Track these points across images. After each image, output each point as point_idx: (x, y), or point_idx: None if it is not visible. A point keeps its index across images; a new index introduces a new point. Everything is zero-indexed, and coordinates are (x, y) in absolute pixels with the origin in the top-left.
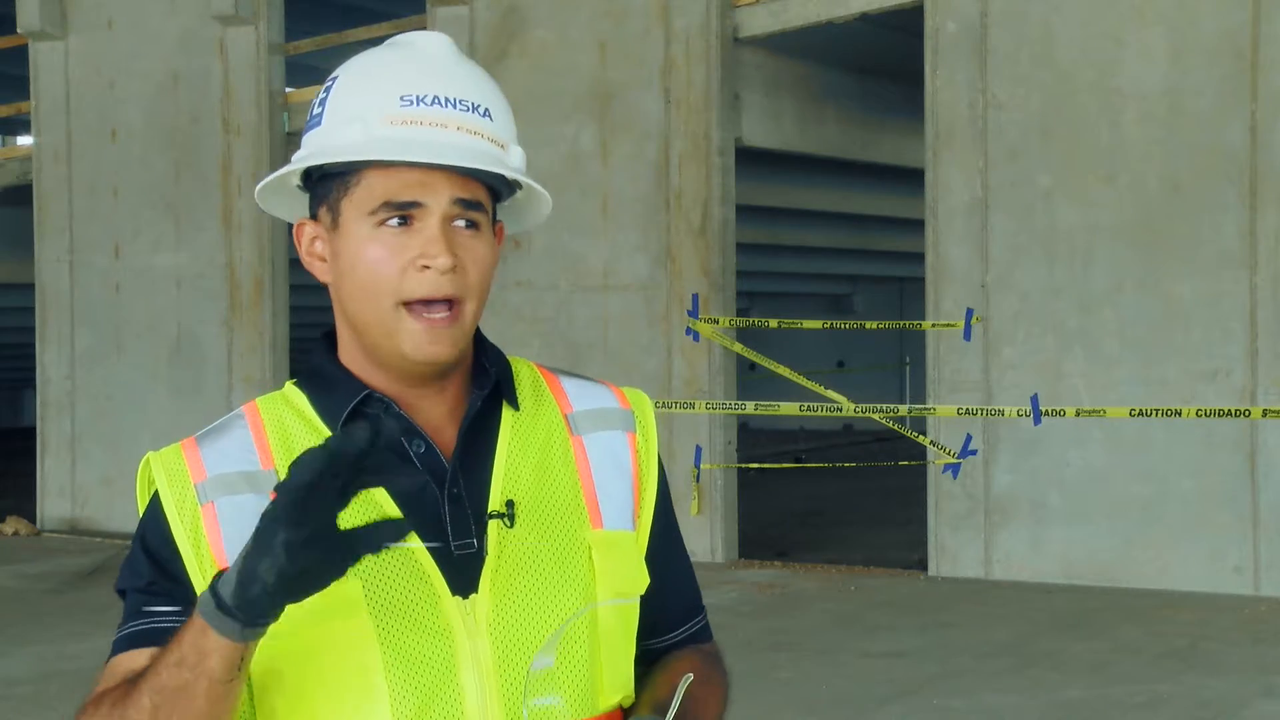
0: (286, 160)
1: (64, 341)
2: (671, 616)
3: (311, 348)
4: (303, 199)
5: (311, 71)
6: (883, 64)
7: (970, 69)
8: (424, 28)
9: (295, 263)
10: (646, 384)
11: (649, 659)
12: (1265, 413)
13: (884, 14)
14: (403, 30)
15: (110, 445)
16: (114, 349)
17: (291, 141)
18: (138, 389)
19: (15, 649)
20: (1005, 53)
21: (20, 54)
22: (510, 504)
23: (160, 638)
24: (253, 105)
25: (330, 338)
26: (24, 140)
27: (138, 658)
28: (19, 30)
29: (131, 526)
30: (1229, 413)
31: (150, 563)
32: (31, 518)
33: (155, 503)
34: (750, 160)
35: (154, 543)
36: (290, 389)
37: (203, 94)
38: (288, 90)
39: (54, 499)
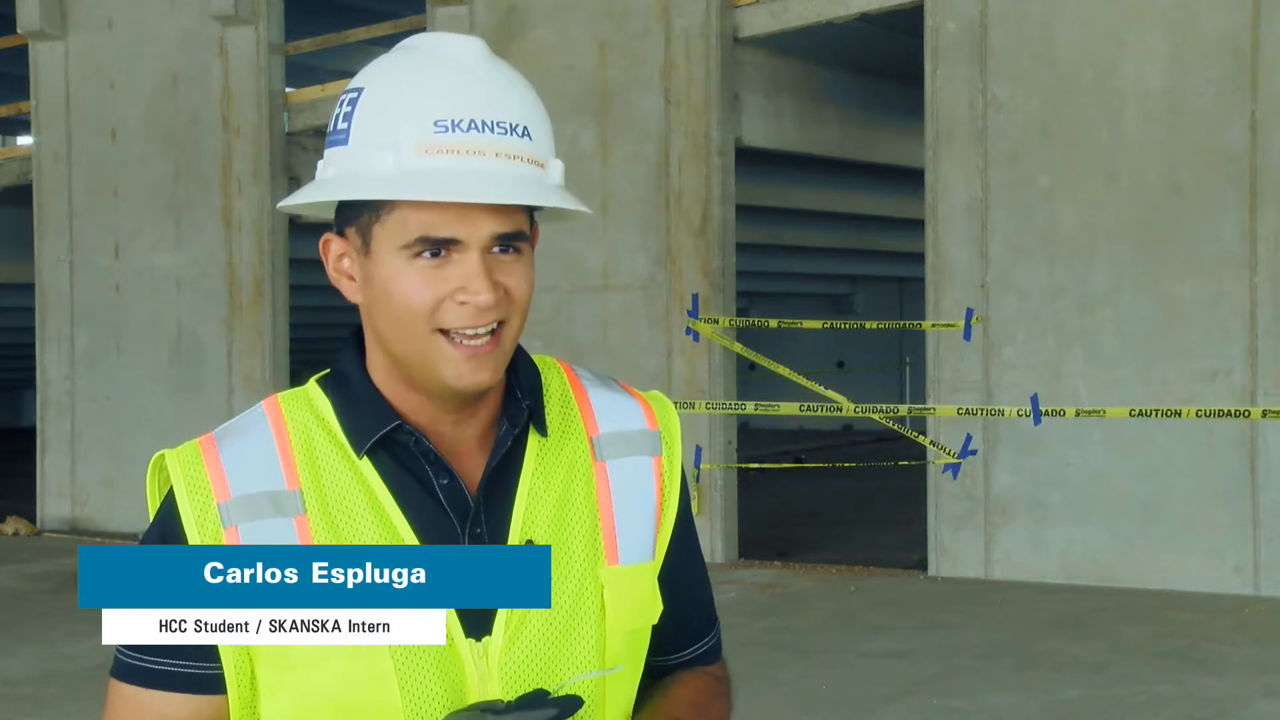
0: (287, 160)
1: (64, 341)
2: (681, 636)
3: (339, 347)
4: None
5: (311, 71)
6: (883, 64)
7: (970, 69)
8: (424, 28)
9: (295, 262)
10: (646, 384)
11: (654, 674)
12: (1265, 413)
13: (884, 14)
14: (402, 30)
15: (110, 445)
16: (114, 349)
17: (292, 141)
18: (138, 389)
19: (15, 649)
20: (1005, 53)
21: (20, 54)
22: (529, 544)
23: (181, 684)
24: (253, 105)
25: (360, 337)
26: (24, 140)
27: (158, 702)
28: (19, 30)
29: (132, 527)
30: (1229, 413)
31: None
32: (31, 518)
33: (173, 515)
34: (750, 160)
35: None
36: (314, 390)
37: (203, 94)
38: (288, 90)
39: (54, 499)
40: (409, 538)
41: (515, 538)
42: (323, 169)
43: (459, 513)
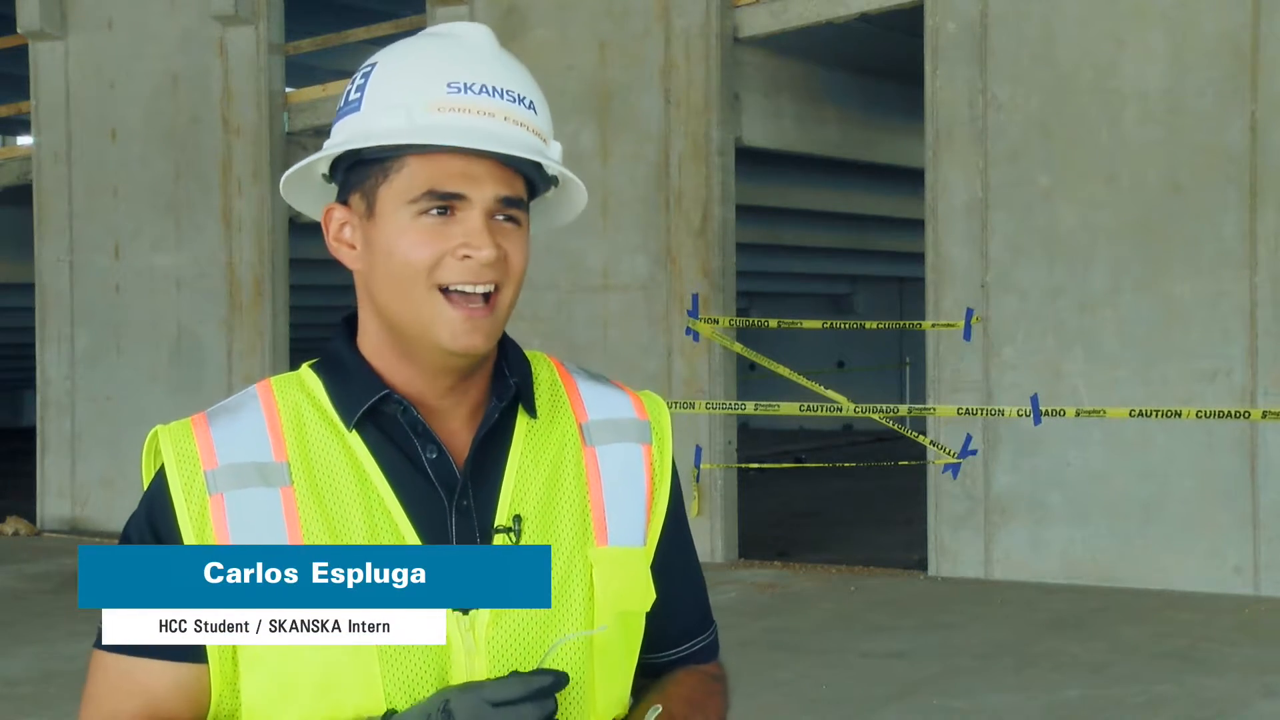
0: (287, 160)
1: (64, 341)
2: (673, 632)
3: (332, 333)
4: (327, 191)
5: (311, 71)
6: (883, 64)
7: (970, 69)
8: (424, 28)
9: (295, 262)
10: (646, 384)
11: (650, 672)
12: (1265, 414)
13: (884, 14)
14: (402, 30)
15: (110, 445)
16: (114, 349)
17: (292, 141)
18: (138, 389)
19: (15, 649)
20: (1005, 53)
21: (20, 54)
22: (517, 519)
23: (162, 652)
24: (253, 105)
25: (350, 323)
26: (24, 140)
27: (139, 670)
28: (19, 30)
29: None
30: (1229, 413)
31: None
32: (31, 518)
33: (161, 484)
34: (750, 160)
35: (160, 528)
36: (306, 373)
37: (203, 94)
38: (288, 90)
39: (54, 499)
40: (396, 511)
41: (503, 513)
42: (332, 138)
43: (446, 486)
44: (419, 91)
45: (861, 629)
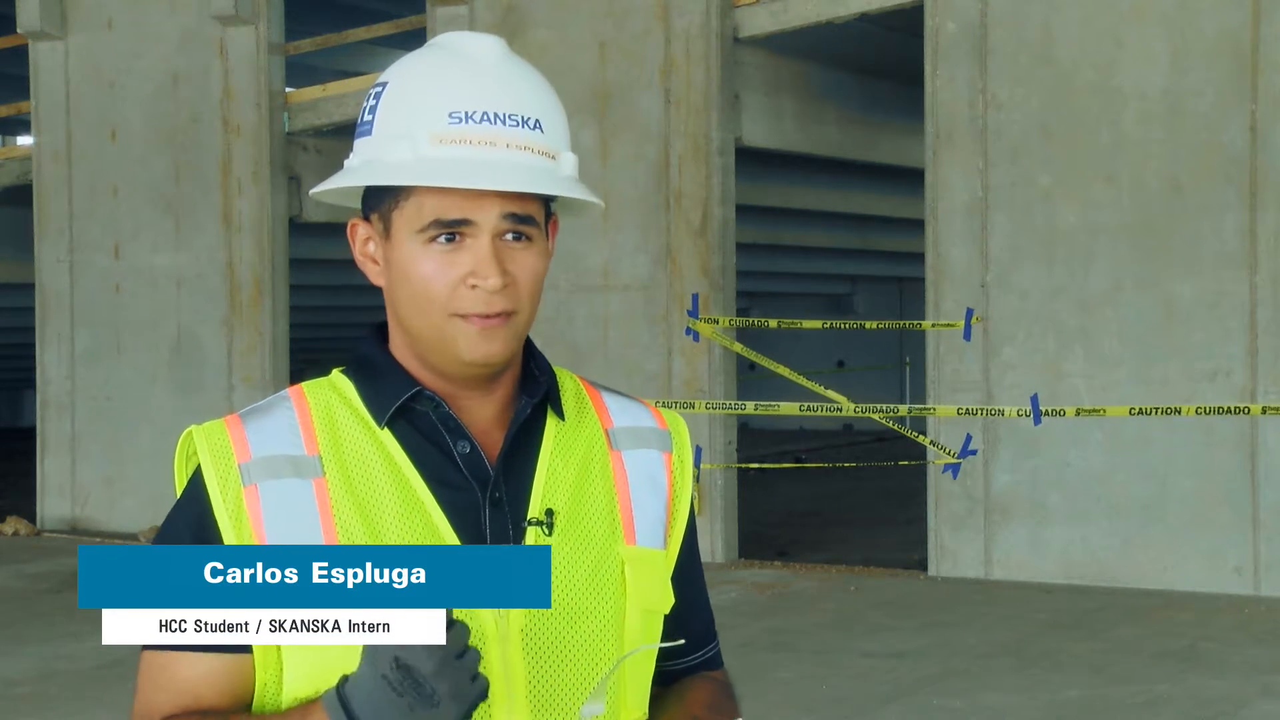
0: (287, 160)
1: (64, 341)
2: (688, 641)
3: (363, 334)
4: (353, 192)
5: (311, 71)
6: (883, 64)
7: (970, 69)
8: (424, 28)
9: (295, 262)
10: (647, 384)
11: (661, 680)
12: (1265, 410)
13: (884, 14)
14: (402, 30)
15: (110, 445)
16: (114, 349)
17: (292, 141)
18: (138, 389)
19: (15, 649)
20: (1005, 53)
21: (20, 54)
22: (549, 513)
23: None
24: (253, 105)
25: (381, 329)
26: (24, 140)
27: (175, 663)
28: (19, 30)
29: (132, 526)
30: (1229, 410)
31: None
32: (31, 518)
33: (198, 480)
34: (750, 160)
35: (195, 523)
36: (337, 376)
37: (203, 94)
38: (288, 90)
39: (54, 499)
40: (429, 503)
41: (535, 506)
42: (350, 158)
43: (478, 479)
44: (422, 121)
45: (861, 629)
